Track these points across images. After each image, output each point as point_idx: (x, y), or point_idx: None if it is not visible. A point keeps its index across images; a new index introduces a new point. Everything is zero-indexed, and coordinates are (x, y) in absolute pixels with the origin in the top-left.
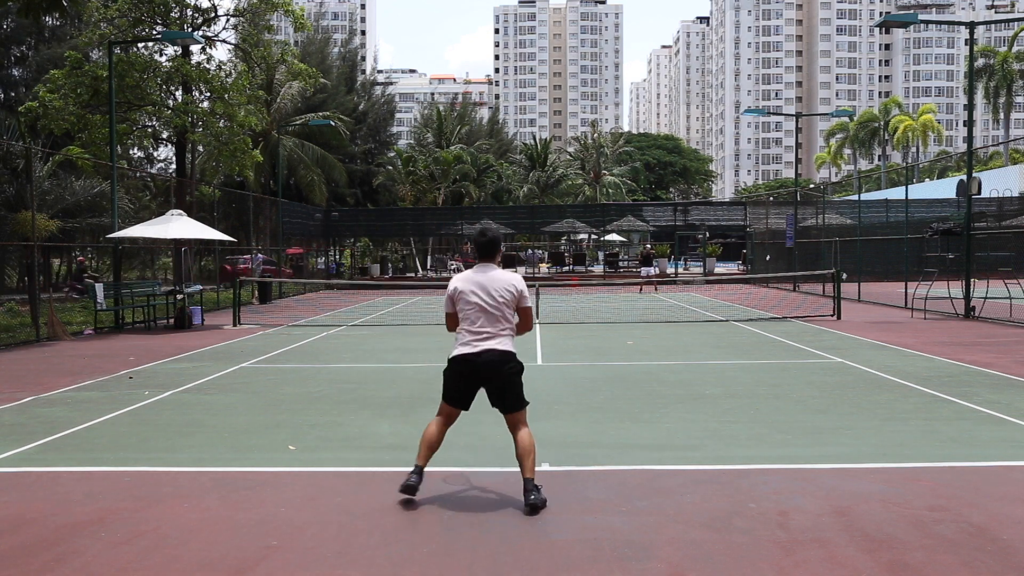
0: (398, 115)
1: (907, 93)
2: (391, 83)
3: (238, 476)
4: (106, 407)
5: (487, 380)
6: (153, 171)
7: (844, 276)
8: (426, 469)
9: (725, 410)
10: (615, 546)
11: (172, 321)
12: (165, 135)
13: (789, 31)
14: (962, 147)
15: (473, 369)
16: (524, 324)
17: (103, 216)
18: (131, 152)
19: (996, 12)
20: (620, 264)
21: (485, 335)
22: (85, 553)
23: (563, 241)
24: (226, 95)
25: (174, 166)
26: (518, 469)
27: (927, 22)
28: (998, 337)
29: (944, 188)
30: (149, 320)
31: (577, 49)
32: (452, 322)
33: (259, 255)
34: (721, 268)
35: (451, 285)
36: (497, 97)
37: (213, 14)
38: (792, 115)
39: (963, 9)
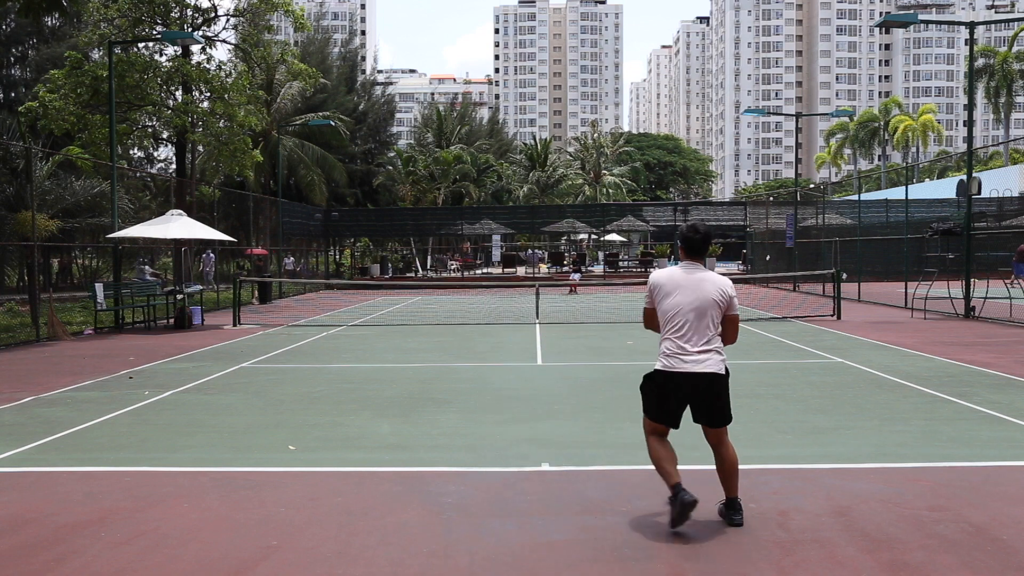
0: (398, 115)
1: (907, 93)
2: (391, 83)
3: (238, 476)
4: (106, 407)
5: (695, 396)
6: (153, 171)
7: (844, 276)
8: (424, 469)
9: None
10: (615, 546)
11: (172, 321)
12: (165, 135)
13: (789, 31)
14: (962, 147)
15: (680, 388)
16: (730, 334)
17: (103, 216)
18: (131, 152)
19: (996, 12)
20: (620, 264)
21: (691, 351)
22: (85, 553)
23: (563, 241)
24: (226, 95)
25: (174, 166)
26: (517, 469)
27: (927, 22)
28: (998, 337)
29: (944, 188)
30: (149, 320)
31: (577, 49)
32: (650, 318)
33: (211, 254)
34: (721, 268)
35: (651, 280)
36: (497, 97)
37: (213, 14)
38: (792, 115)
39: (963, 9)
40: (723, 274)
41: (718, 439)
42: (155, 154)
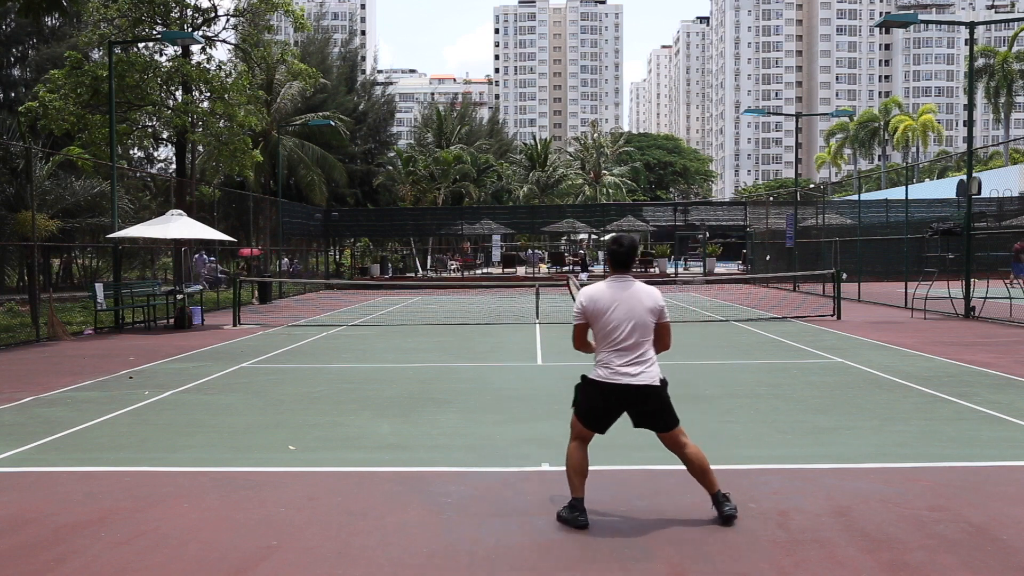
0: (398, 115)
1: (907, 93)
2: (391, 83)
3: (238, 476)
4: (106, 407)
5: (632, 407)
6: (153, 171)
7: (844, 276)
8: (424, 469)
9: (725, 410)
10: (615, 546)
11: (172, 321)
12: (165, 135)
13: (789, 31)
14: (962, 147)
15: (616, 398)
16: (663, 341)
17: (103, 216)
18: (131, 152)
19: (996, 12)
20: None
21: (629, 362)
22: (85, 553)
23: (563, 241)
24: (226, 95)
25: (174, 166)
26: (517, 469)
27: (927, 22)
28: (998, 337)
29: (944, 188)
30: (149, 320)
31: (577, 49)
32: (580, 335)
33: (203, 255)
34: (721, 268)
35: (584, 297)
36: (497, 97)
37: (213, 14)
38: (792, 115)
39: (963, 9)
40: (723, 274)
41: (675, 442)
42: (155, 154)
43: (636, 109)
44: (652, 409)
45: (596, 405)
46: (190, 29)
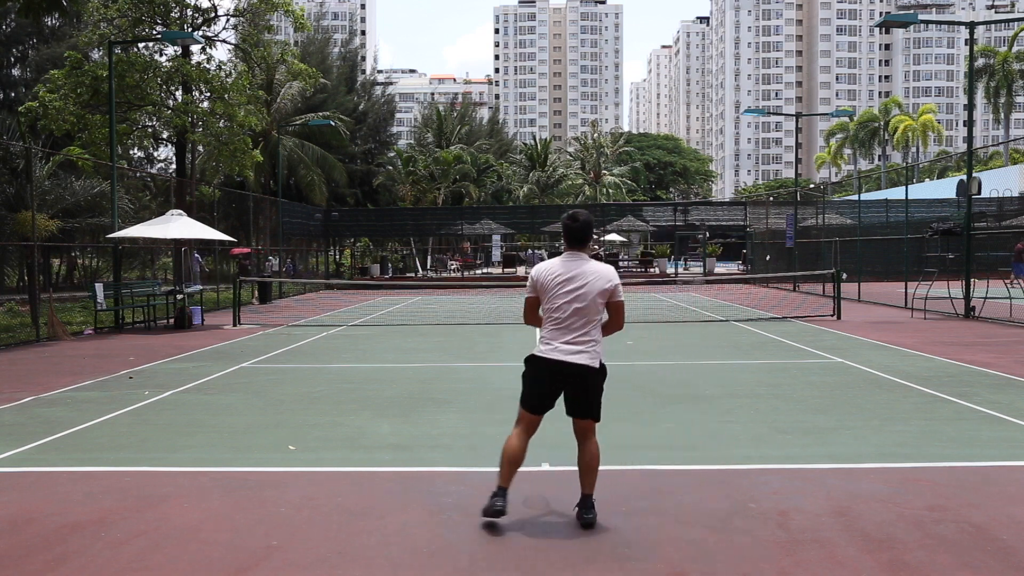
0: (398, 115)
1: (907, 93)
2: (391, 83)
3: (238, 476)
4: (106, 407)
5: (567, 386)
6: (153, 171)
7: (844, 276)
8: (424, 469)
9: (725, 410)
10: (615, 546)
11: (172, 321)
12: (165, 135)
13: (789, 31)
14: (962, 147)
15: (553, 375)
16: (615, 322)
17: (103, 216)
18: (131, 152)
19: (996, 12)
20: (620, 264)
21: (570, 340)
22: (85, 553)
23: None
24: (226, 95)
25: (174, 166)
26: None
27: (927, 22)
28: (998, 337)
29: (944, 188)
30: (149, 320)
31: (577, 49)
32: (530, 309)
33: (196, 254)
34: (721, 268)
35: (535, 271)
36: (497, 97)
37: (213, 14)
38: (792, 115)
39: (963, 9)
40: (723, 274)
41: (584, 433)
42: (155, 154)
43: (636, 109)
44: (585, 390)
45: (534, 380)
46: (190, 29)
